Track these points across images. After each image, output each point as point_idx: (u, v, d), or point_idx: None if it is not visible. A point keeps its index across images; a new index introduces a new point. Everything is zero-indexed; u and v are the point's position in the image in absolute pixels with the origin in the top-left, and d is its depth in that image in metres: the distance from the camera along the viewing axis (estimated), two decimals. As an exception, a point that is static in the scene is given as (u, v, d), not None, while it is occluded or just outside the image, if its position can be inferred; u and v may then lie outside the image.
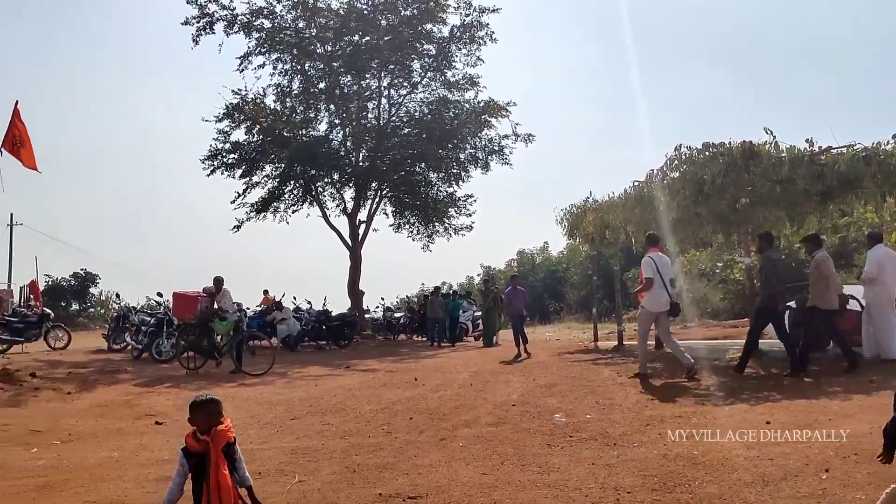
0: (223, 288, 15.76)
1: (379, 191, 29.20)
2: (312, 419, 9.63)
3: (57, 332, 21.09)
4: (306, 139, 27.51)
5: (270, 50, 27.28)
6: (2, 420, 9.70)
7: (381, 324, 27.33)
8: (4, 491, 6.34)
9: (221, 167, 27.24)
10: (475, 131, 28.48)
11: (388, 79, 28.98)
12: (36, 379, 12.85)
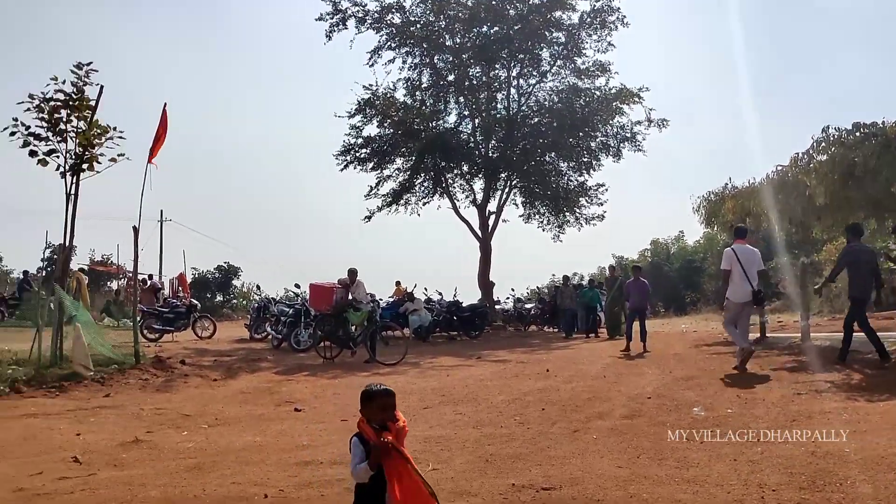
0: (357, 279, 16.08)
1: (508, 181, 29.10)
2: (445, 409, 9.67)
3: (203, 322, 22.17)
4: (436, 131, 27.75)
5: (400, 44, 27.70)
6: (157, 404, 10.29)
7: (511, 315, 27.25)
8: (159, 470, 6.68)
9: (354, 161, 27.89)
10: (606, 119, 27.88)
11: (518, 68, 28.82)
12: (185, 366, 13.54)
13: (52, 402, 10.44)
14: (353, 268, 16.04)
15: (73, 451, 7.45)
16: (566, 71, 28.69)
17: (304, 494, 5.87)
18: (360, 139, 27.90)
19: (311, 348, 16.57)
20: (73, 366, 12.05)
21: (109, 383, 11.68)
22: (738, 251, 11.71)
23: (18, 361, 12.97)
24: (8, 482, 6.29)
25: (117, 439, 8.01)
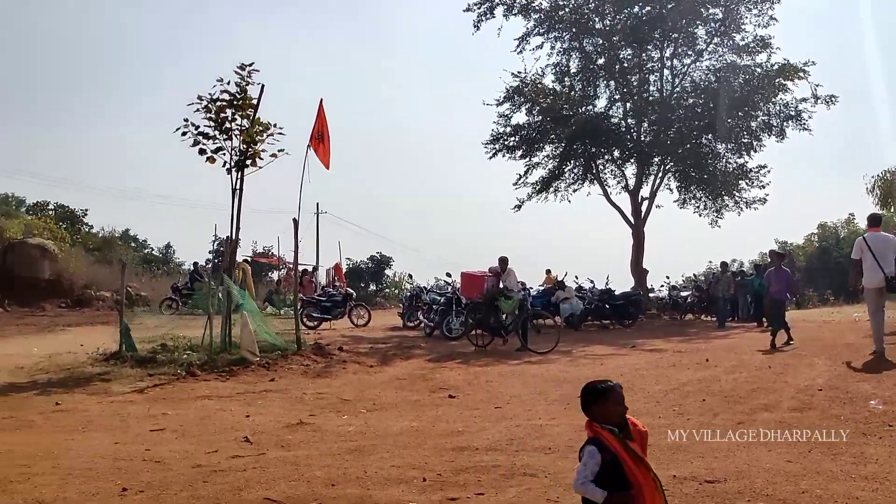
0: (508, 267, 16.10)
1: (662, 165, 28.21)
2: (599, 397, 9.51)
3: (359, 311, 22.86)
4: (586, 117, 27.30)
5: (549, 30, 27.39)
6: (318, 389, 10.72)
7: (666, 303, 26.45)
8: (323, 451, 6.96)
9: (503, 150, 27.89)
10: (768, 97, 26.39)
11: (671, 48, 27.84)
12: (343, 353, 14.01)
13: (223, 385, 11.08)
14: (503, 256, 16.07)
15: (244, 431, 7.87)
16: (723, 48, 27.41)
17: (462, 479, 5.93)
18: (508, 127, 27.87)
19: (462, 336, 16.73)
20: (241, 351, 12.74)
21: (274, 368, 12.25)
22: (869, 239, 11.71)
23: (192, 347, 13.85)
24: (187, 459, 6.73)
25: (283, 421, 8.40)
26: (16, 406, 9.52)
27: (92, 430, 8.12)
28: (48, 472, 6.29)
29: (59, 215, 42.02)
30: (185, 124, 13.53)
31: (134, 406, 9.50)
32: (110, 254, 37.48)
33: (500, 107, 27.61)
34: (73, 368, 12.52)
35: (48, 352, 14.50)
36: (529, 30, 27.31)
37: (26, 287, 27.38)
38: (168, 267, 46.51)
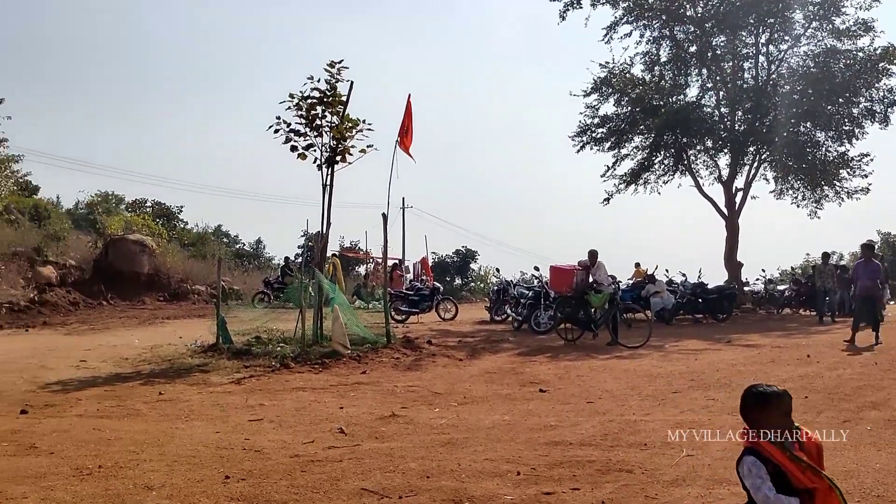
0: (598, 261, 15.87)
1: (758, 155, 27.33)
2: (695, 393, 9.29)
3: (446, 305, 22.95)
4: (677, 106, 26.69)
5: (638, 18, 26.84)
6: (408, 382, 10.80)
7: (762, 297, 25.66)
8: (416, 444, 7.00)
9: (590, 142, 27.53)
10: (871, 82, 25.28)
11: (767, 34, 26.90)
12: (432, 346, 14.09)
13: (316, 377, 11.28)
14: (593, 249, 15.85)
15: (338, 422, 7.99)
16: (822, 33, 26.31)
17: (556, 474, 5.87)
18: (596, 119, 27.50)
19: (551, 330, 16.61)
20: (333, 344, 12.95)
21: (365, 361, 12.41)
22: None
23: (285, 340, 14.17)
24: (285, 448, 6.87)
25: (376, 413, 8.49)
26: (122, 395, 9.93)
27: (194, 419, 8.38)
28: (155, 459, 6.52)
29: (157, 212, 43.59)
30: (277, 122, 13.83)
31: (232, 396, 9.77)
32: (204, 249, 38.68)
33: (588, 98, 27.30)
34: (174, 359, 12.97)
35: (149, 343, 15.07)
36: (618, 18, 26.84)
37: (127, 281, 28.45)
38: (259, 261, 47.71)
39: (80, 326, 19.50)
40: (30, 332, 18.31)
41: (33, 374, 11.59)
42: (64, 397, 9.84)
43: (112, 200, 46.67)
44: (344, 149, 13.90)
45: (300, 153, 13.94)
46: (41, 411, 8.90)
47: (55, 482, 5.87)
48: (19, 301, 22.11)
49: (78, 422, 8.24)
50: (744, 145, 26.75)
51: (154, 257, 30.22)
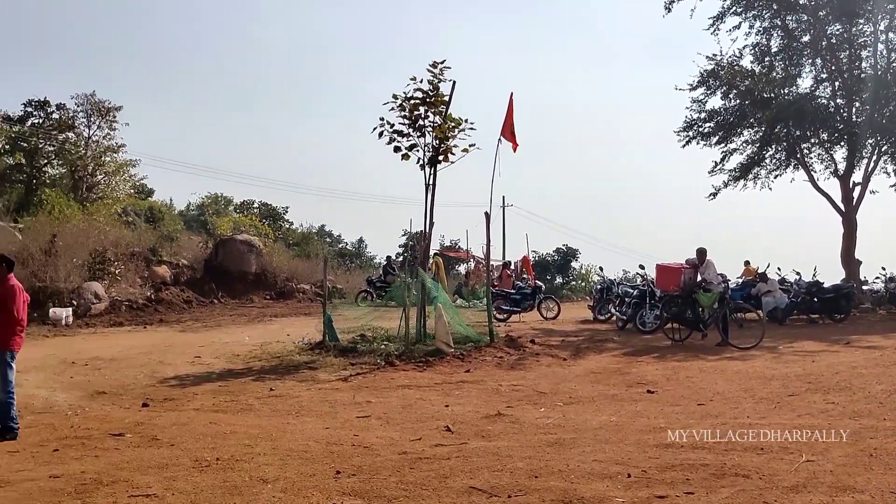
0: (707, 259, 15.41)
1: (877, 147, 25.89)
2: (813, 396, 8.89)
3: (548, 303, 22.73)
4: (789, 98, 25.59)
5: (746, 8, 25.91)
6: (513, 381, 10.75)
7: (882, 296, 24.35)
8: (523, 443, 6.96)
9: (697, 137, 26.76)
10: None
11: (886, 21, 25.48)
12: (535, 345, 13.99)
13: (420, 375, 11.38)
14: (701, 247, 15.38)
15: (444, 420, 8.03)
16: (946, 18, 24.76)
17: (668, 477, 5.72)
18: (703, 113, 26.68)
19: (657, 330, 16.24)
20: (437, 343, 13.03)
21: (468, 360, 12.43)
22: None
23: (389, 338, 14.36)
24: (393, 445, 6.95)
25: (481, 412, 8.49)
26: (236, 390, 10.27)
27: (304, 415, 8.58)
28: (269, 453, 6.70)
29: (263, 213, 44.92)
30: (380, 123, 14.01)
31: (340, 393, 9.95)
32: (308, 248, 39.62)
33: (694, 92, 26.50)
34: (283, 356, 13.33)
35: (259, 341, 15.53)
36: (725, 9, 25.92)
37: (236, 280, 29.43)
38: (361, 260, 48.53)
39: (193, 324, 20.30)
40: (147, 329, 19.18)
41: (153, 370, 12.13)
42: (181, 392, 10.26)
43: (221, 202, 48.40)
44: (446, 148, 13.96)
45: (403, 153, 14.10)
46: (161, 405, 9.30)
47: (177, 473, 6.11)
48: (137, 299, 23.20)
49: (195, 415, 8.57)
50: (862, 137, 25.40)
51: (261, 257, 31.14)
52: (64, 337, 17.31)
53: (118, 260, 24.70)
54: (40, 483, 5.89)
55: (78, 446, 7.10)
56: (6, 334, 7.74)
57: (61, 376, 11.51)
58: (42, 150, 30.77)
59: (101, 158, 33.35)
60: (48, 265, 21.44)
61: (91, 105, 32.30)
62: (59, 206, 27.39)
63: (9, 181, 29.58)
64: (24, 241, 22.53)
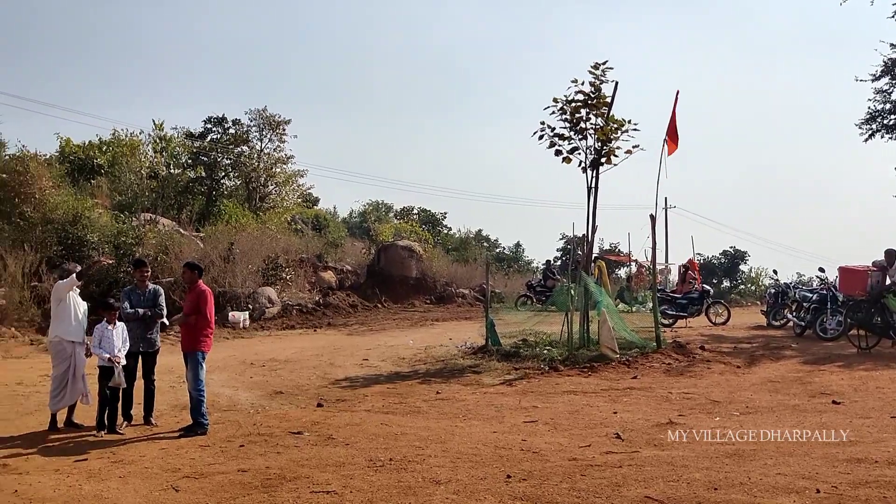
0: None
1: None
2: None
3: (717, 308, 21.80)
4: None
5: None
6: (683, 388, 10.37)
7: None
8: (699, 453, 6.72)
9: (881, 129, 24.92)
10: None
11: None
12: (705, 352, 13.43)
13: (585, 380, 11.20)
14: (890, 248, 14.28)
15: (613, 427, 7.87)
16: None
17: (862, 494, 5.35)
18: (888, 104, 24.82)
19: (839, 336, 15.17)
20: (601, 348, 12.79)
21: (634, 366, 12.11)
22: None
23: (552, 343, 14.23)
24: (562, 451, 6.87)
25: (651, 420, 8.24)
26: (403, 393, 10.50)
27: (471, 418, 8.65)
28: (439, 455, 6.79)
29: (422, 218, 45.84)
30: (541, 127, 13.94)
31: (506, 398, 9.96)
32: (466, 253, 40.07)
33: (877, 82, 24.69)
34: (447, 360, 13.52)
35: (423, 344, 15.84)
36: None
37: (397, 284, 30.21)
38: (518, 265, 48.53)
39: (359, 327, 20.98)
40: (317, 332, 20.01)
41: (324, 371, 12.63)
42: (352, 393, 10.61)
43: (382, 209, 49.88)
44: (609, 150, 13.70)
45: (565, 157, 13.96)
46: (334, 405, 9.65)
47: (353, 472, 6.30)
48: (307, 303, 24.25)
49: (367, 416, 8.82)
50: None
51: (421, 262, 31.80)
52: (242, 339, 18.36)
53: (289, 266, 25.94)
54: (230, 476, 6.24)
55: (261, 443, 7.48)
56: (198, 336, 8.29)
57: (242, 376, 12.20)
58: (220, 163, 32.78)
59: (272, 170, 35.18)
60: (227, 271, 22.81)
61: (263, 119, 34.16)
62: (235, 215, 29.12)
63: (191, 193, 31.66)
64: (206, 249, 24.08)
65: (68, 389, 8.32)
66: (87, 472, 6.46)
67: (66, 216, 22.35)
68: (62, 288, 8.53)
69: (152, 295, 8.80)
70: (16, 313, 18.83)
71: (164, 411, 9.13)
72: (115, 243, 21.93)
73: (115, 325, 8.36)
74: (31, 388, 10.83)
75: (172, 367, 10.75)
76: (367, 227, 41.30)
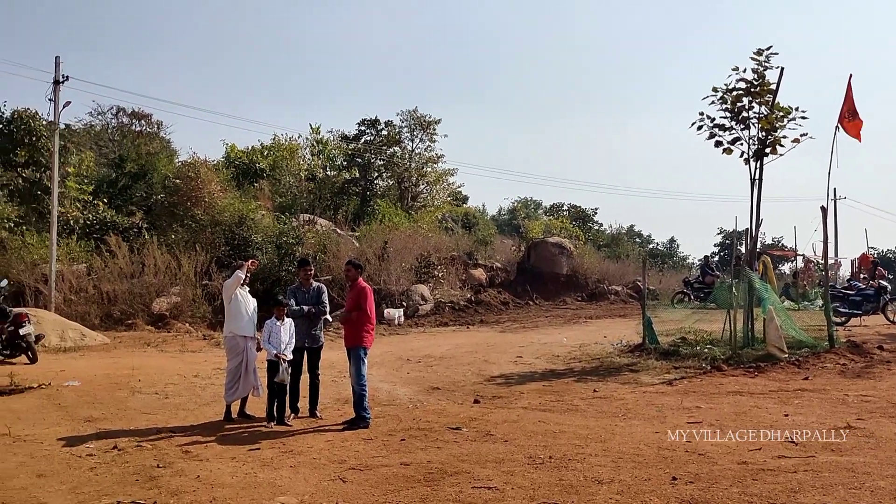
0: None
1: None
2: None
3: (894, 306, 20.30)
4: None
5: None
6: (861, 391, 9.69)
7: None
8: (882, 460, 6.27)
9: None
10: None
11: None
12: (884, 352, 12.49)
13: (752, 381, 10.69)
14: None
15: (785, 430, 7.45)
16: None
17: None
18: None
19: None
20: (768, 347, 12.17)
21: (805, 366, 11.44)
22: None
23: (712, 341, 13.69)
24: (730, 454, 6.60)
25: (827, 423, 7.76)
26: (559, 391, 10.41)
27: (631, 417, 8.45)
28: (599, 454, 6.67)
29: (573, 215, 45.37)
30: (700, 118, 13.44)
31: (666, 397, 9.66)
32: (618, 249, 39.30)
33: None
34: (602, 358, 13.29)
35: (577, 342, 15.65)
36: None
37: (547, 282, 30.00)
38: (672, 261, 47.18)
39: (511, 324, 21.00)
40: (470, 329, 20.19)
41: (479, 368, 12.71)
42: (508, 390, 10.62)
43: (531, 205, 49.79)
44: (774, 140, 13.02)
45: (725, 148, 13.41)
46: (491, 402, 9.69)
47: (513, 468, 6.30)
48: (459, 301, 24.54)
49: (524, 413, 8.80)
50: None
51: (572, 259, 31.46)
52: (397, 335, 18.80)
53: (440, 264, 26.33)
54: (393, 469, 6.38)
55: (421, 437, 7.61)
56: (360, 331, 8.54)
57: (399, 371, 12.48)
58: (373, 164, 33.77)
59: (423, 169, 35.89)
60: (381, 269, 23.43)
61: (414, 120, 34.92)
62: (388, 214, 29.90)
63: (346, 194, 32.78)
64: (362, 248, 24.85)
65: (241, 382, 8.78)
66: (260, 461, 6.79)
67: (232, 218, 23.69)
68: (228, 286, 9.02)
69: (316, 292, 9.13)
70: (189, 310, 20.15)
71: (327, 404, 9.46)
72: (277, 243, 23.01)
73: (283, 321, 8.73)
74: (206, 381, 11.50)
75: (334, 362, 11.14)
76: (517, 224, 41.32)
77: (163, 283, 20.67)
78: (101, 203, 24.87)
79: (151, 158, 28.86)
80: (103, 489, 5.96)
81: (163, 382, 11.23)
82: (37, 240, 21.36)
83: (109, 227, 23.23)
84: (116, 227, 23.25)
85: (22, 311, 14.08)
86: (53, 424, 8.49)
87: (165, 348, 16.09)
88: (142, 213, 25.55)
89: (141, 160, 28.54)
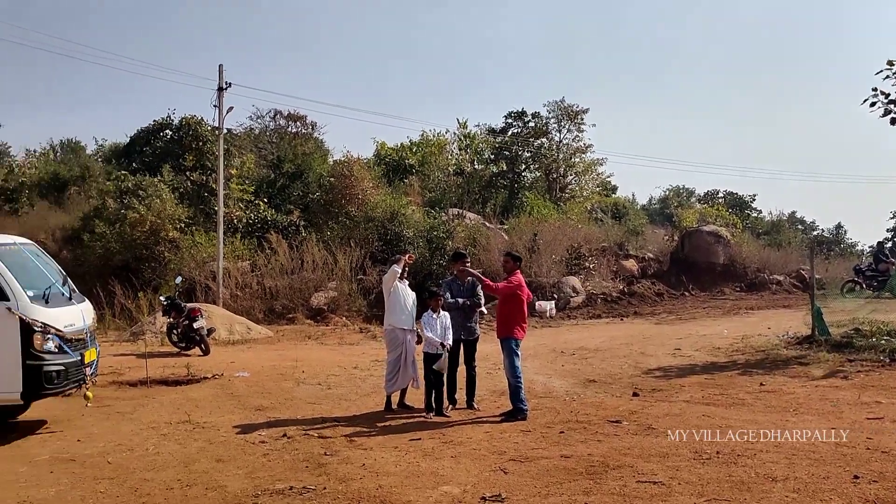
0: None
1: None
2: None
3: None
4: None
5: None
6: None
7: None
8: None
9: None
10: None
11: None
12: None
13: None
14: None
15: None
16: None
17: None
18: None
19: None
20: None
21: None
22: None
23: (890, 332, 12.75)
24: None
25: None
26: (723, 384, 10.01)
27: (803, 412, 8.02)
28: (771, 450, 6.44)
29: (729, 202, 43.51)
30: (873, 94, 12.56)
31: (841, 392, 9.10)
32: (779, 237, 37.34)
33: None
34: (767, 350, 12.67)
35: (738, 334, 14.99)
36: None
37: (703, 272, 28.89)
38: (840, 248, 44.41)
39: (667, 316, 20.40)
40: (624, 321, 19.78)
41: (635, 360, 12.43)
42: (667, 383, 10.32)
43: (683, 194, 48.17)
44: (959, 115, 11.98)
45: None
46: (650, 395, 9.45)
47: (678, 463, 6.12)
48: (611, 292, 24.08)
49: (686, 407, 8.53)
50: None
51: (729, 247, 30.21)
52: (549, 328, 18.68)
53: (591, 255, 25.94)
54: (553, 461, 6.34)
55: (580, 430, 7.52)
56: (512, 323, 8.53)
57: (553, 364, 12.39)
58: (521, 156, 33.69)
59: (571, 160, 35.47)
60: (532, 261, 23.32)
61: (561, 110, 34.54)
62: (536, 206, 29.75)
63: (494, 187, 32.83)
64: (511, 240, 24.86)
65: (400, 374, 8.97)
66: (422, 451, 6.92)
67: (384, 214, 24.28)
68: (387, 280, 9.21)
69: (471, 285, 9.18)
70: (346, 304, 20.84)
71: (483, 396, 9.51)
72: (428, 237, 23.38)
73: (439, 313, 8.84)
74: (365, 372, 11.84)
75: (488, 354, 11.17)
76: (669, 213, 40.10)
77: (320, 279, 21.47)
78: (262, 203, 26.12)
79: (307, 158, 30.06)
80: (276, 475, 6.26)
81: (324, 374, 11.65)
82: (205, 239, 22.70)
83: (270, 225, 24.35)
84: (276, 226, 24.32)
85: (195, 307, 15.01)
86: (227, 412, 9.00)
87: (325, 341, 16.72)
88: (299, 212, 26.59)
89: (297, 160, 29.78)
